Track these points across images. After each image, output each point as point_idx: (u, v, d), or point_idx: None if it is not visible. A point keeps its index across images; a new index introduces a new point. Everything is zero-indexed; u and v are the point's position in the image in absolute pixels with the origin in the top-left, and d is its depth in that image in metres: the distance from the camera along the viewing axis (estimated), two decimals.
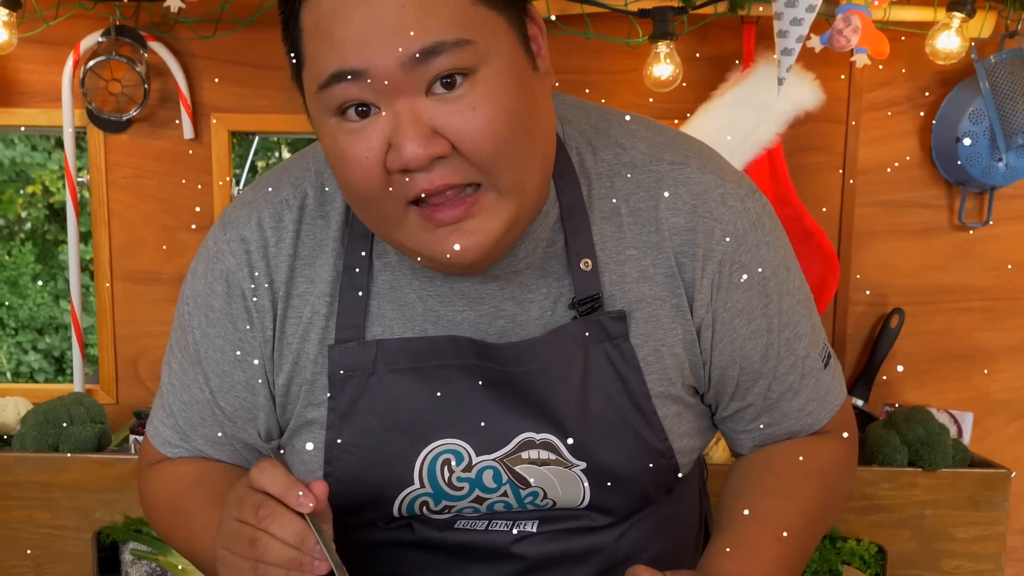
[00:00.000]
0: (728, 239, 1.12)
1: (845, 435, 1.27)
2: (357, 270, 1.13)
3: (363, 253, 1.14)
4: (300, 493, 0.96)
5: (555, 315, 1.13)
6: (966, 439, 2.44)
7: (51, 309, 6.51)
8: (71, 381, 2.57)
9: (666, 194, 1.12)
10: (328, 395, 1.14)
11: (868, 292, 2.52)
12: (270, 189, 1.17)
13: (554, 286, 1.13)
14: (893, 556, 2.27)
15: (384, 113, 0.97)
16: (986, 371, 2.56)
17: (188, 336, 1.19)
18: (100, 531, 2.25)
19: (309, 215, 1.15)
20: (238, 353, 1.16)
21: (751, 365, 1.17)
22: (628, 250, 1.12)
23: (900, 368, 2.51)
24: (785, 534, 1.13)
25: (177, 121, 2.45)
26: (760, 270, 1.14)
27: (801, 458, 1.21)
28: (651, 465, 1.18)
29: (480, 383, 1.13)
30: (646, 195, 1.12)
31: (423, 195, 0.98)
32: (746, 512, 1.16)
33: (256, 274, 1.14)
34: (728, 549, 1.11)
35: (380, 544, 1.22)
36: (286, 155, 6.83)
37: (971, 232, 2.52)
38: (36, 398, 2.42)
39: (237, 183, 2.54)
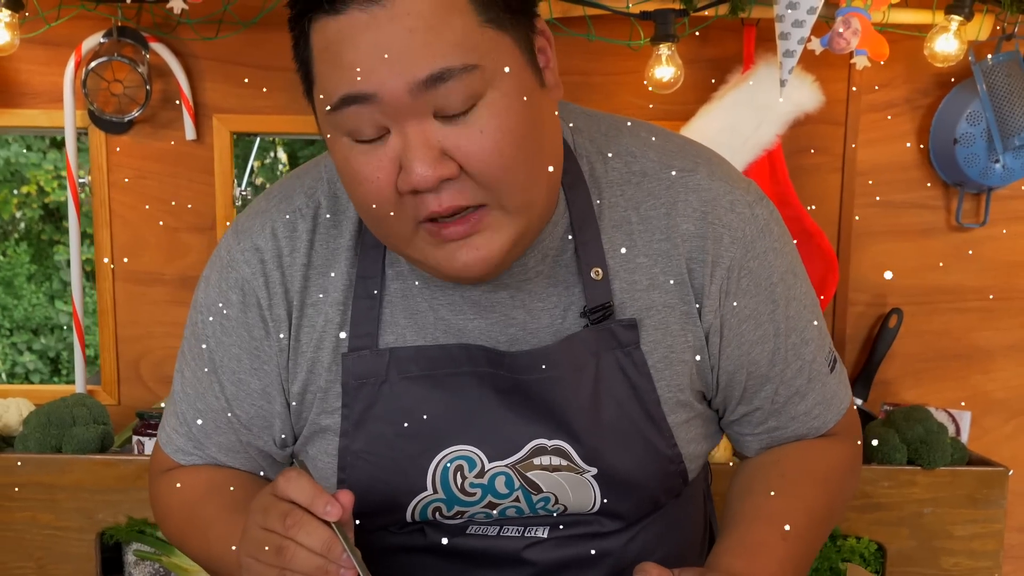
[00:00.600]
0: (736, 245, 1.13)
1: (852, 439, 1.29)
2: (370, 279, 1.14)
3: (376, 262, 1.14)
4: (327, 502, 0.97)
5: (565, 323, 1.14)
6: (964, 438, 2.45)
7: (46, 310, 6.49)
8: (66, 382, 2.57)
9: (676, 201, 1.13)
10: (342, 403, 1.15)
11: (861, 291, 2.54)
12: (283, 198, 1.18)
13: (564, 294, 1.14)
14: (892, 554, 2.29)
15: (394, 135, 0.98)
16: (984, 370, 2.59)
17: (202, 345, 1.19)
18: (103, 532, 2.25)
19: (322, 224, 1.16)
20: (254, 362, 1.17)
21: (758, 370, 1.18)
22: (638, 258, 1.13)
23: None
24: (791, 534, 1.14)
25: (179, 122, 2.45)
26: (768, 276, 1.15)
27: (807, 460, 1.22)
28: (661, 471, 1.19)
29: (492, 390, 1.14)
30: (656, 203, 1.13)
31: (432, 216, 1.00)
32: (753, 511, 1.17)
33: (271, 283, 1.15)
34: (734, 548, 1.12)
35: (392, 549, 1.23)
36: (281, 155, 6.84)
37: (968, 233, 2.54)
38: (38, 399, 2.42)
39: (238, 184, 2.54)
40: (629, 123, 1.19)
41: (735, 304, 1.15)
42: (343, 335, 1.14)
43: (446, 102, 0.96)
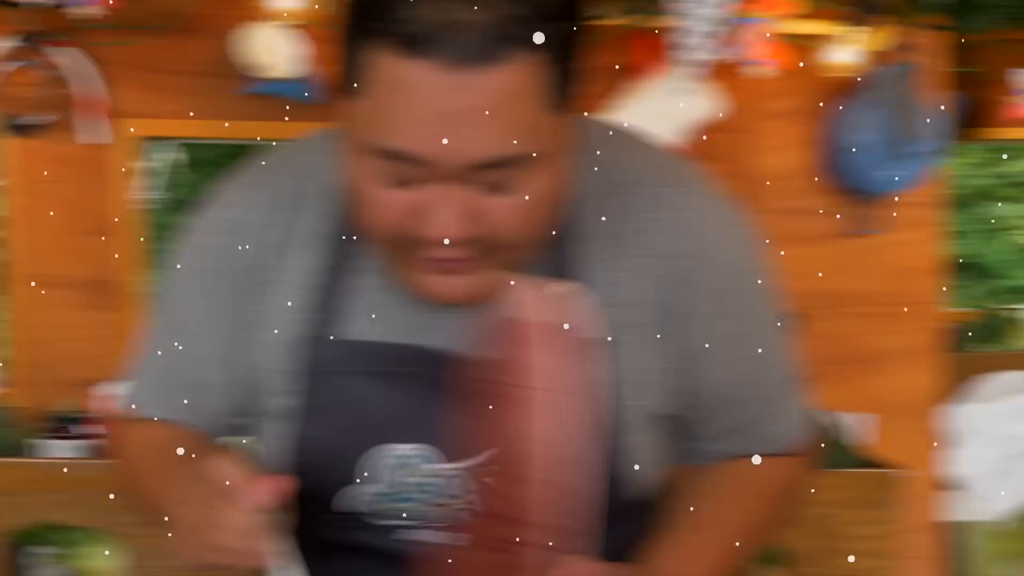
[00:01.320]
0: (718, 266, 1.12)
1: (803, 462, 1.28)
2: (342, 269, 1.13)
3: (349, 253, 1.13)
4: (257, 487, 0.96)
5: None
6: (864, 441, 2.50)
7: None
8: None
9: (658, 219, 1.11)
10: (293, 388, 1.15)
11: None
12: (269, 173, 1.17)
13: None
14: (792, 555, 2.32)
15: (430, 186, 0.96)
16: (882, 374, 2.64)
17: (174, 306, 1.20)
18: (12, 535, 2.24)
19: (306, 206, 1.14)
20: (221, 328, 1.17)
21: (727, 390, 1.17)
22: (618, 273, 1.12)
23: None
24: (727, 543, 1.15)
25: (89, 126, 2.45)
26: (748, 297, 1.14)
27: (754, 473, 1.21)
28: (614, 491, 1.15)
29: (446, 393, 1.11)
30: (640, 218, 1.12)
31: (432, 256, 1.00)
32: (691, 517, 1.16)
33: (247, 254, 1.15)
34: (667, 550, 1.12)
35: (325, 543, 1.23)
36: (179, 155, 6.72)
37: (865, 239, 2.59)
38: None
39: (145, 188, 2.55)
40: (613, 131, 1.17)
41: (713, 325, 1.13)
42: (303, 320, 1.14)
43: (494, 180, 0.95)
